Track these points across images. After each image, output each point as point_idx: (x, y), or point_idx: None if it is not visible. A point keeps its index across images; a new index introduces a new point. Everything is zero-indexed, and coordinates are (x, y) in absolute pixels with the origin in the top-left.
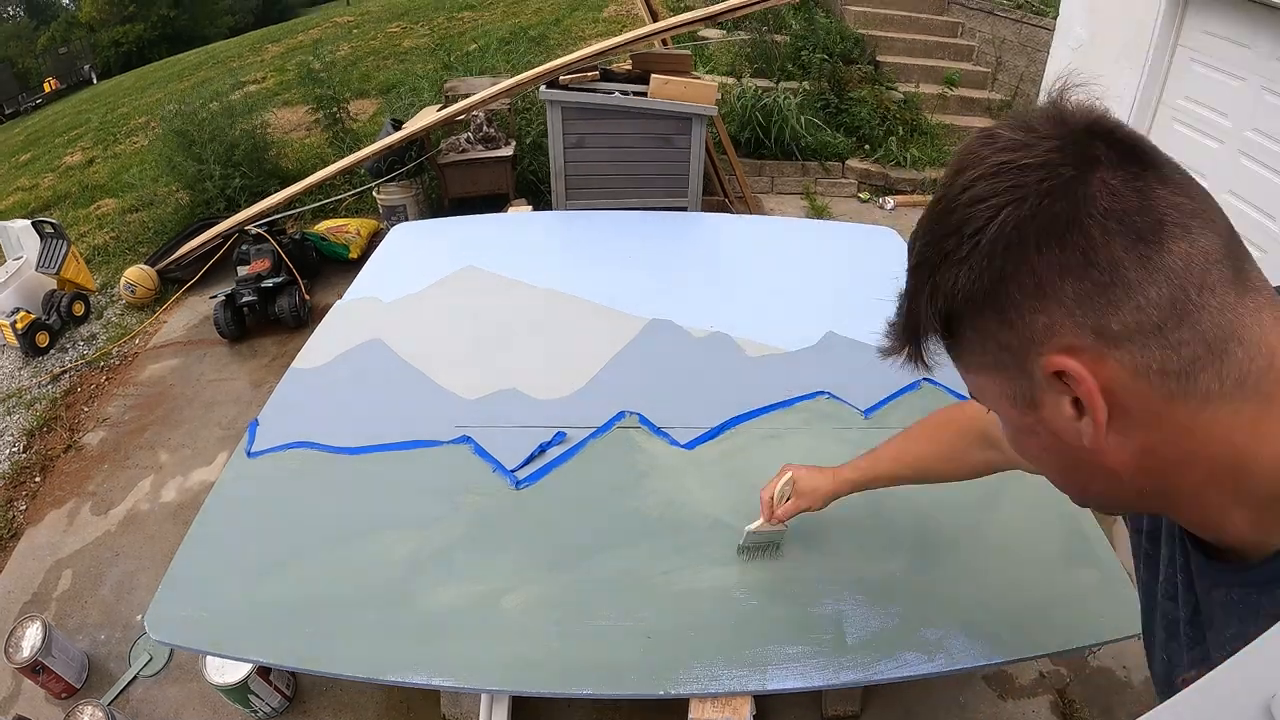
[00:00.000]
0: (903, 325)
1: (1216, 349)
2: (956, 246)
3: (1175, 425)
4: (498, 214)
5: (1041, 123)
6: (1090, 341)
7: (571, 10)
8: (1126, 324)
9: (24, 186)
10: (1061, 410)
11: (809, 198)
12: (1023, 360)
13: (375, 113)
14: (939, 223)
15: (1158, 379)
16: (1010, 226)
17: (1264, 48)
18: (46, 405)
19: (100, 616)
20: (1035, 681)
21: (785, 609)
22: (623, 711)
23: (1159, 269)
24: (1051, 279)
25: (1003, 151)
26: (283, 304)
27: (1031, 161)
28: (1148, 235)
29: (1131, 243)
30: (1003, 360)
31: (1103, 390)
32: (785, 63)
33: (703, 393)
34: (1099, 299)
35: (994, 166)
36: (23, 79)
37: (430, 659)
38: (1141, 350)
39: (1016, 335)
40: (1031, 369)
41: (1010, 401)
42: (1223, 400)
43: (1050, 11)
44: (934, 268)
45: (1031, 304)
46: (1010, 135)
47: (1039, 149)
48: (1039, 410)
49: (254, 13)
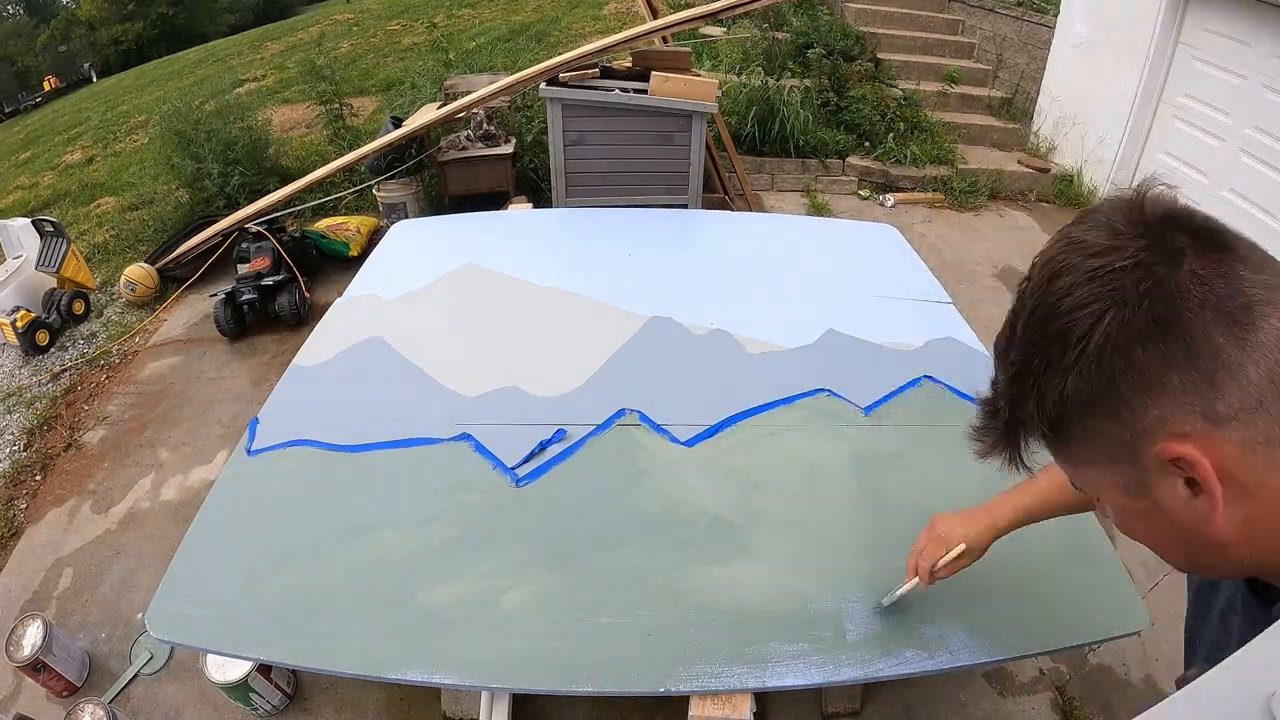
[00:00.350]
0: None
1: None
2: (1063, 353)
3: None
4: (498, 211)
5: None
6: (1200, 425)
7: (571, 7)
8: (1232, 404)
9: (24, 185)
10: (1176, 492)
11: (809, 195)
12: (1135, 452)
13: (375, 110)
14: (1039, 331)
15: (1264, 450)
16: (1115, 330)
17: (1265, 46)
18: (47, 404)
19: (101, 615)
20: (1035, 679)
21: (785, 606)
22: (623, 709)
23: (1255, 347)
24: (1159, 374)
25: (1095, 256)
26: (283, 302)
27: (1125, 264)
28: (1241, 318)
29: (1228, 328)
30: (1115, 455)
31: (1215, 469)
32: (786, 60)
33: (703, 390)
34: (1205, 385)
35: (1088, 272)
36: (22, 77)
37: (431, 656)
38: (1248, 426)
39: (1129, 430)
40: (1144, 459)
41: (1122, 491)
42: None
43: (1051, 9)
44: (1038, 375)
45: (1142, 399)
46: (1096, 239)
47: (1128, 250)
48: (1151, 494)
49: (254, 10)
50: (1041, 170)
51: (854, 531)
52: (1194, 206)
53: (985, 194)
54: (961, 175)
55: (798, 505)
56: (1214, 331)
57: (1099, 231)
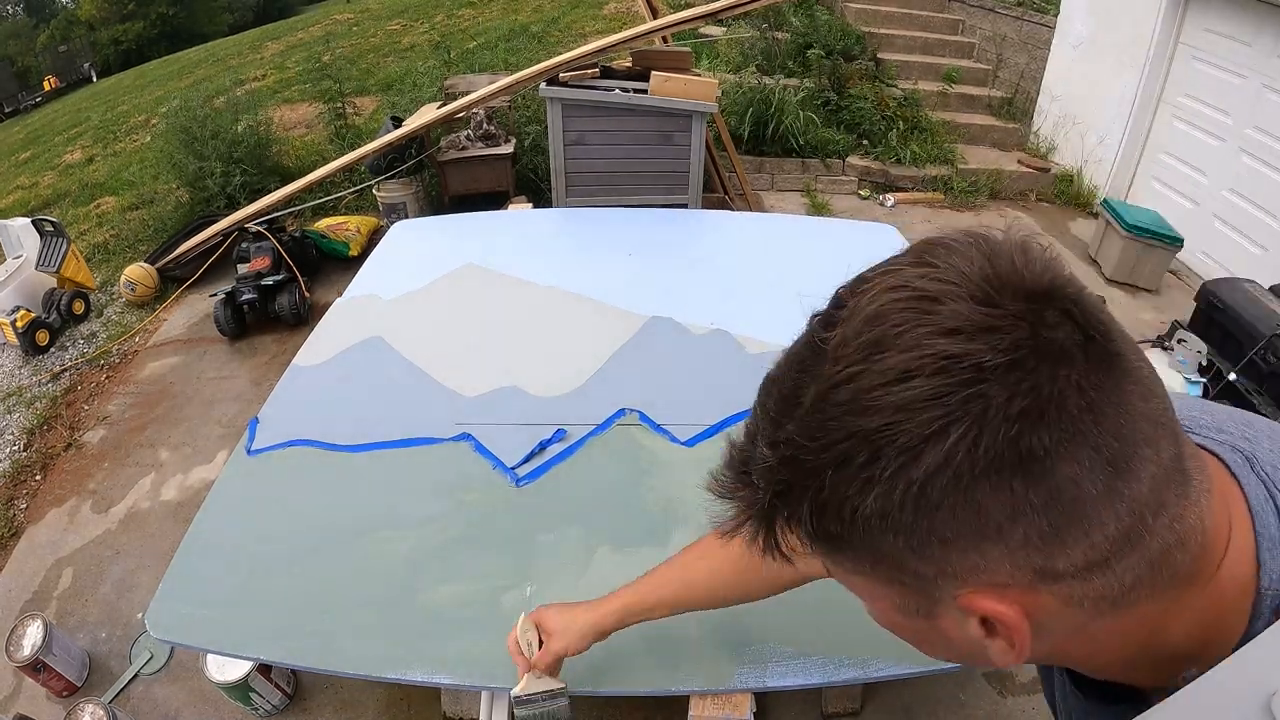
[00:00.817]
0: (757, 513)
1: (1158, 565)
2: (870, 462)
3: (1098, 629)
4: (498, 211)
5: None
6: (1026, 579)
7: (571, 7)
8: (1075, 563)
9: (24, 185)
10: (966, 628)
11: (809, 195)
12: (929, 588)
13: (375, 110)
14: (840, 420)
15: (1091, 605)
16: (961, 457)
17: (1265, 45)
18: (47, 403)
19: (101, 615)
20: (1035, 679)
21: (785, 606)
22: (623, 709)
23: (1124, 499)
24: (1001, 520)
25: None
26: (283, 302)
27: (995, 363)
28: (1120, 464)
29: (1102, 475)
30: (899, 579)
31: (1029, 620)
32: (786, 60)
33: (703, 390)
34: (1051, 541)
35: (939, 360)
36: (22, 77)
37: (431, 656)
38: (1082, 584)
39: (932, 567)
40: (938, 595)
41: (896, 609)
42: (1150, 601)
43: (1051, 9)
44: (822, 474)
45: (964, 543)
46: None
47: (1003, 339)
48: (934, 620)
49: (253, 10)
50: (1041, 170)
51: None
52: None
53: (985, 194)
54: (961, 175)
55: None
56: (1086, 479)
57: (962, 292)
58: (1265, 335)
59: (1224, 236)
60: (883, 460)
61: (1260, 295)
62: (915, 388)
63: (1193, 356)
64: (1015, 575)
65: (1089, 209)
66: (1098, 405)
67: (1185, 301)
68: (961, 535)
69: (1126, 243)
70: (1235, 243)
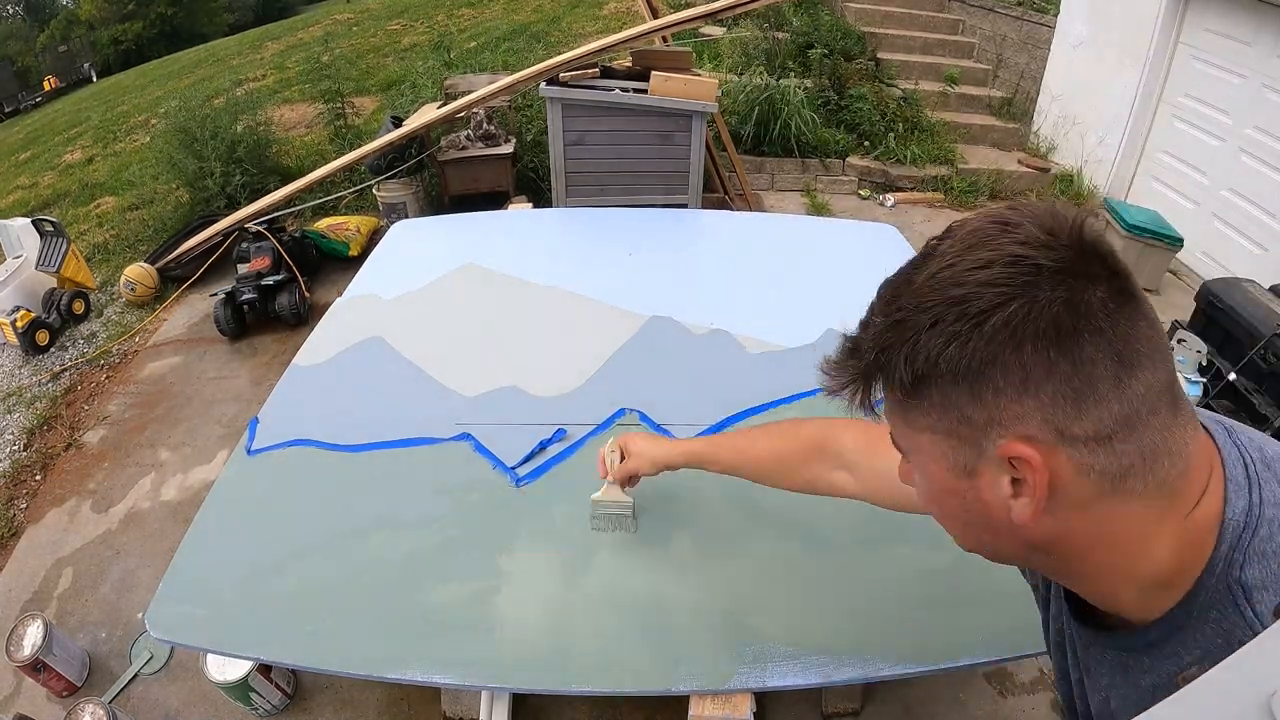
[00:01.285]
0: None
1: (1149, 459)
2: (956, 320)
3: (1098, 514)
4: (498, 211)
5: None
6: (1050, 437)
7: (571, 7)
8: (1086, 430)
9: (24, 185)
10: (998, 486)
11: (809, 195)
12: (979, 436)
13: (375, 110)
14: (940, 290)
15: (1096, 477)
16: (1018, 320)
17: (1265, 45)
18: (47, 403)
19: (101, 615)
20: (1035, 679)
21: (785, 605)
22: (623, 709)
23: (1126, 390)
24: (1038, 377)
25: (1022, 245)
26: (283, 301)
27: (1048, 265)
28: (1127, 361)
29: (1113, 364)
30: (958, 431)
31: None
32: (786, 59)
33: (703, 390)
34: (1071, 405)
35: (1012, 257)
36: (22, 77)
37: (431, 656)
38: (1090, 454)
39: (984, 413)
40: (984, 445)
41: (948, 466)
42: (1141, 499)
43: (1051, 9)
44: (920, 330)
45: (1011, 393)
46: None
47: (1056, 254)
48: (975, 479)
49: (253, 10)
50: (1041, 170)
51: (855, 530)
52: None
53: (985, 194)
54: (961, 175)
55: (798, 504)
56: (1100, 362)
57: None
58: (1265, 335)
59: (1224, 236)
60: (966, 320)
61: (1260, 295)
62: (993, 272)
63: (1192, 356)
64: (1043, 430)
65: (1089, 209)
66: (1115, 316)
67: (1185, 301)
68: (1010, 385)
69: (1126, 242)
70: (1235, 243)
